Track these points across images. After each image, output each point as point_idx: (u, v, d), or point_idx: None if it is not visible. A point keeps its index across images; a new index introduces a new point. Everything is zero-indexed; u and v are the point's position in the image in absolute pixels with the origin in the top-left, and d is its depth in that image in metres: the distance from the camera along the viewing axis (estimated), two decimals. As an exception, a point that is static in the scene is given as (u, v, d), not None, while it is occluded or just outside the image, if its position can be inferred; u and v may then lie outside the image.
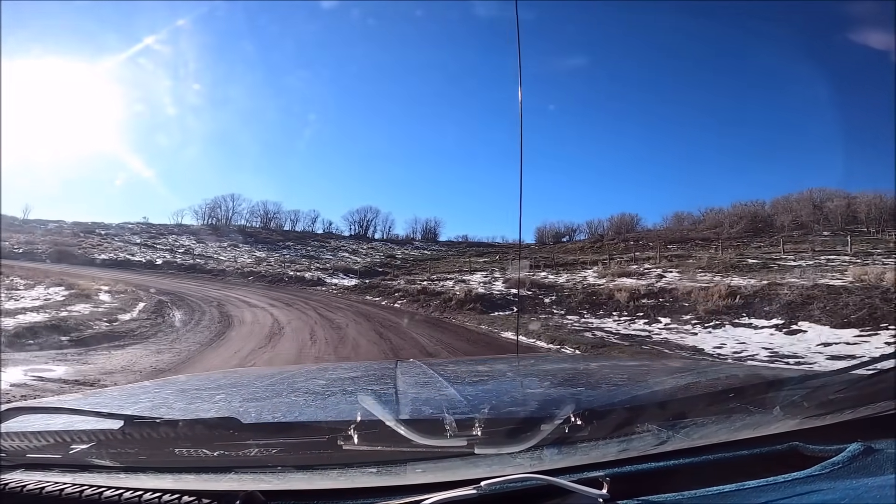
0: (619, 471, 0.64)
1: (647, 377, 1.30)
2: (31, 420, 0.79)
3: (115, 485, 0.61)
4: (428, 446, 0.67)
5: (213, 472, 0.66)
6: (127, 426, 0.68)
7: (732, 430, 0.74)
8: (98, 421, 0.74)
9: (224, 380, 1.38)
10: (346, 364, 3.84)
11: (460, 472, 0.65)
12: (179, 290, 16.81)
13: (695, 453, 0.69)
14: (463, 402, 0.93)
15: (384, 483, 0.63)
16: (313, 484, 0.64)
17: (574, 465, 0.66)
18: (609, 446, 0.71)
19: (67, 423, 0.79)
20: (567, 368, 1.63)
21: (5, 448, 0.69)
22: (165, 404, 1.06)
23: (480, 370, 1.48)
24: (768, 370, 2.29)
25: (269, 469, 0.67)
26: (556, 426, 0.69)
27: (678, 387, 1.05)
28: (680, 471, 0.66)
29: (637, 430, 0.75)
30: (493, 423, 0.75)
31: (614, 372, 1.43)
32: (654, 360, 3.52)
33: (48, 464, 0.69)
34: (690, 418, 0.79)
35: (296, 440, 0.72)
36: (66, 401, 1.15)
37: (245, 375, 1.58)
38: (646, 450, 0.70)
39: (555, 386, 1.24)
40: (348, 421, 0.71)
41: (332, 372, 1.48)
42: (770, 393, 0.84)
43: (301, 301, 15.34)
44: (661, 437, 0.73)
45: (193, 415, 0.90)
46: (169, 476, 0.66)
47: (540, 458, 0.68)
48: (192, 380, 1.56)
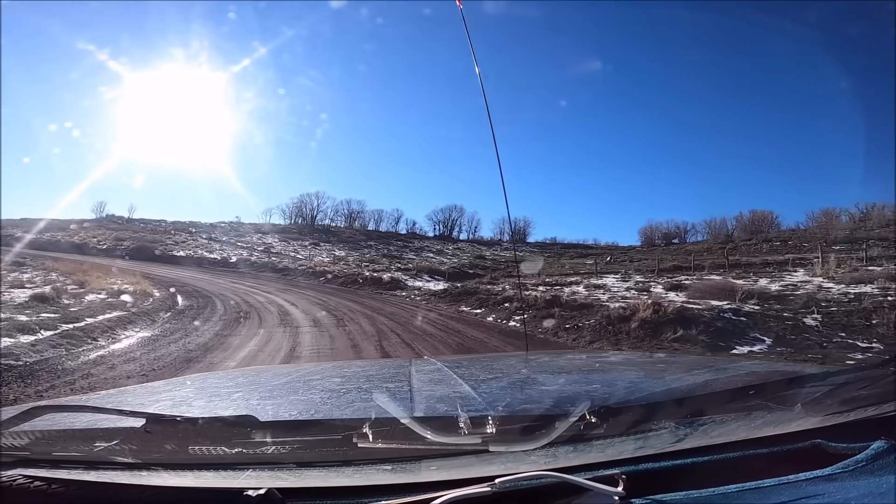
0: (635, 468, 0.63)
1: (664, 374, 1.30)
2: (56, 418, 0.80)
3: (137, 482, 0.61)
4: (442, 444, 0.67)
5: (232, 470, 0.66)
6: (149, 424, 0.68)
7: (752, 428, 0.73)
8: (120, 419, 0.73)
9: (242, 378, 1.39)
10: (362, 362, 3.81)
11: (474, 469, 0.64)
12: (212, 290, 12.74)
13: (713, 451, 0.68)
14: (477, 399, 0.94)
15: (399, 480, 0.63)
16: (329, 481, 0.64)
17: (589, 463, 0.65)
18: (625, 444, 0.71)
19: (91, 422, 0.79)
20: (582, 365, 1.57)
21: (31, 446, 0.69)
22: (186, 402, 1.05)
23: (495, 367, 1.46)
24: (789, 367, 2.14)
25: (286, 466, 0.67)
26: (571, 423, 0.69)
27: (696, 384, 1.04)
28: (697, 469, 0.65)
29: (654, 428, 0.74)
30: (507, 420, 0.76)
31: (630, 368, 1.43)
32: (671, 357, 3.30)
33: (73, 461, 0.68)
34: (709, 416, 0.78)
35: (312, 438, 0.72)
36: (90, 399, 1.16)
37: (262, 373, 1.56)
38: (663, 447, 0.69)
39: (570, 383, 1.20)
40: (363, 419, 0.72)
41: (348, 370, 1.49)
42: (791, 390, 0.83)
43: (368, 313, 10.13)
44: (679, 435, 0.72)
45: (212, 413, 0.90)
46: (189, 473, 0.65)
47: (555, 455, 0.68)
48: (212, 377, 1.60)
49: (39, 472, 0.63)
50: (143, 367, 4.92)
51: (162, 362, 5.17)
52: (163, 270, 19.85)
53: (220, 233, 40.83)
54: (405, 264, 28.44)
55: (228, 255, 29.30)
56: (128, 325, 6.90)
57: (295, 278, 20.95)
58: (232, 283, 16.65)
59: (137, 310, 8.40)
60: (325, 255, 34.62)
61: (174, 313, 8.89)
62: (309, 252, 35.70)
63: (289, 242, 39.31)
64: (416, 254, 40.11)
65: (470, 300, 14.11)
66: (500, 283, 18.46)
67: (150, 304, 9.61)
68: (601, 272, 20.59)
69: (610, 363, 1.60)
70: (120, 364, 5.03)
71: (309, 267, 24.47)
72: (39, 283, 11.55)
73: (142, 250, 27.43)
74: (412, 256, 37.53)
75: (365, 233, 50.23)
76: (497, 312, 11.83)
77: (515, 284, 16.83)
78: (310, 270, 23.33)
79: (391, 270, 23.85)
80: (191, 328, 7.32)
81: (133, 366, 4.99)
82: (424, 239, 50.98)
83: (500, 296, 13.67)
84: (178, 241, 33.06)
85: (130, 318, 7.32)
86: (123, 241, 30.74)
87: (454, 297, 15.06)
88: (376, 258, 33.63)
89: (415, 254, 40.05)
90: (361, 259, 32.18)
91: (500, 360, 1.84)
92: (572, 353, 4.17)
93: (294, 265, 25.42)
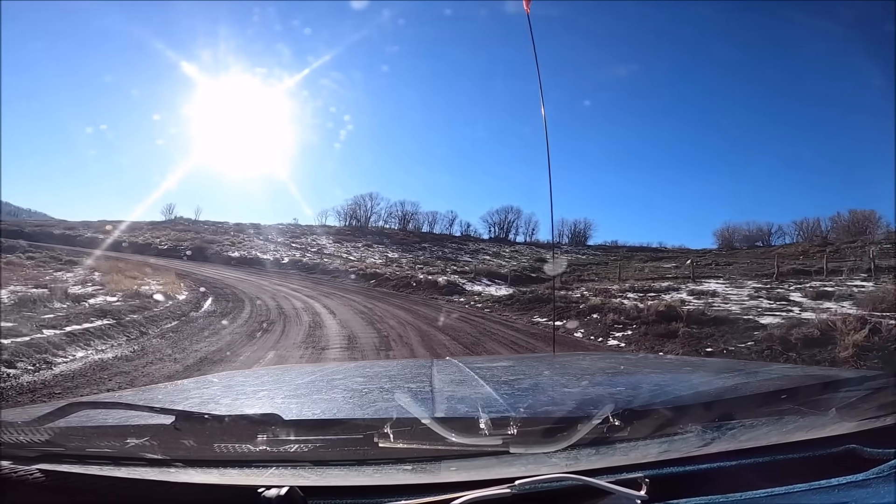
0: (659, 472, 0.62)
1: (692, 377, 1.26)
2: (90, 415, 0.81)
3: (165, 479, 0.61)
4: (463, 444, 0.67)
5: (256, 467, 0.65)
6: (178, 421, 0.69)
7: (784, 433, 0.71)
8: (151, 416, 0.74)
9: (267, 376, 1.41)
10: (384, 362, 3.71)
11: (494, 470, 0.63)
12: (249, 293, 11.12)
13: (741, 455, 0.65)
14: (499, 400, 0.92)
15: (419, 480, 0.62)
16: (349, 480, 0.64)
17: (611, 466, 0.63)
18: (649, 447, 0.69)
19: (123, 418, 0.79)
20: (606, 367, 1.51)
21: (66, 442, 0.69)
22: (213, 400, 1.05)
23: (517, 368, 1.44)
24: (824, 371, 2.11)
25: (308, 464, 0.67)
26: (593, 426, 0.68)
27: (725, 387, 1.02)
28: (725, 473, 0.63)
29: (680, 431, 0.72)
30: (528, 422, 0.75)
31: (656, 371, 1.40)
32: (699, 360, 3.29)
33: (105, 456, 0.68)
34: (738, 419, 0.76)
35: (334, 437, 0.72)
36: (124, 396, 1.19)
37: (287, 372, 1.59)
38: (689, 451, 0.67)
39: (593, 385, 1.16)
40: (385, 418, 0.72)
41: (370, 370, 1.47)
42: (826, 394, 0.81)
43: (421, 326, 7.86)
44: (706, 439, 0.71)
45: (238, 411, 0.89)
46: (214, 470, 0.65)
47: (576, 458, 0.67)
48: (238, 376, 1.54)
49: (66, 467, 0.64)
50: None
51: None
52: (210, 270, 19.00)
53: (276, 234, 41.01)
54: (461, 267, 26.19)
55: (281, 255, 28.66)
56: (94, 340, 5.13)
57: (344, 281, 19.30)
58: (275, 284, 15.17)
59: (139, 317, 6.72)
60: (377, 256, 33.38)
61: (182, 322, 7.17)
62: (361, 254, 34.69)
63: (342, 244, 38.69)
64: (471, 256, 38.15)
65: (544, 309, 11.47)
66: (575, 287, 15.62)
67: (163, 308, 7.97)
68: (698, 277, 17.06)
69: (635, 366, 1.54)
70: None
71: (360, 269, 22.84)
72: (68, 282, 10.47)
73: (199, 250, 27.44)
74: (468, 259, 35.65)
75: (418, 235, 49.22)
76: (586, 326, 9.13)
77: (598, 291, 13.92)
78: (360, 272, 21.65)
79: (447, 273, 21.63)
80: (179, 346, 5.46)
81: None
82: (479, 241, 49.26)
83: (584, 304, 10.92)
84: (234, 242, 33.02)
85: (106, 331, 5.55)
86: (184, 241, 31.08)
87: (524, 304, 12.45)
88: (430, 260, 31.88)
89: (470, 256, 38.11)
90: (415, 261, 30.47)
91: (523, 361, 1.83)
92: (596, 354, 4.03)
93: (345, 267, 23.97)
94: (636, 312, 9.17)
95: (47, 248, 19.67)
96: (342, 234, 43.78)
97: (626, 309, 9.74)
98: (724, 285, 14.44)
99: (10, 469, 0.62)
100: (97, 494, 0.60)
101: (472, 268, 24.58)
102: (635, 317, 8.92)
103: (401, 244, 42.15)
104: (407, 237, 46.74)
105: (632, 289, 13.93)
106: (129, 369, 4.31)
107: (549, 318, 10.39)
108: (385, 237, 45.08)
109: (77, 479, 0.61)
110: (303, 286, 15.14)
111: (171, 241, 31.11)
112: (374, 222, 51.99)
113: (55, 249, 19.63)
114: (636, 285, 14.53)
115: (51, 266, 14.52)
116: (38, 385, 3.75)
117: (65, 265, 14.97)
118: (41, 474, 0.61)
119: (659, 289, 13.68)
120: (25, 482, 0.60)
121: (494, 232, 51.93)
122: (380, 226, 51.41)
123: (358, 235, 44.12)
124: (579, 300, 12.02)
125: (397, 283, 18.42)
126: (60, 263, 15.51)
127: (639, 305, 9.83)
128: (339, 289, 15.37)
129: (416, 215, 53.90)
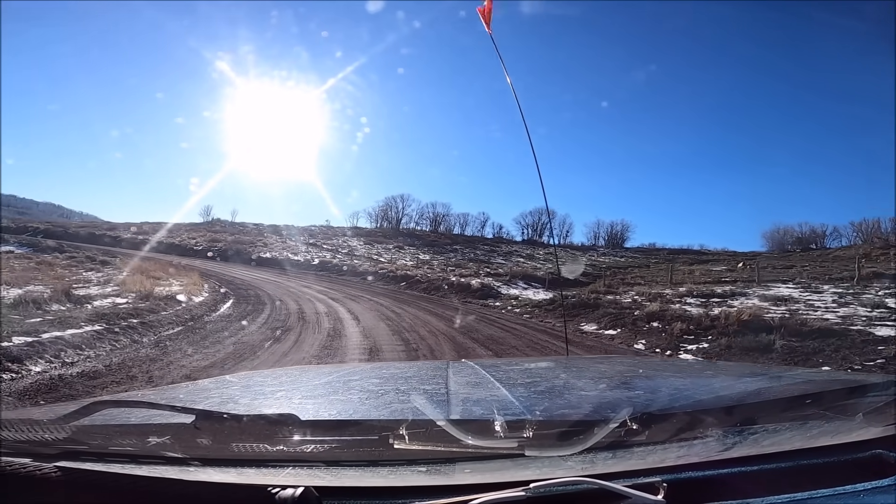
0: (677, 476, 0.60)
1: (713, 381, 1.24)
2: (113, 413, 0.81)
3: (184, 478, 0.61)
4: (477, 447, 0.66)
5: (272, 467, 0.65)
6: (198, 420, 0.69)
7: (808, 438, 0.70)
8: (172, 415, 0.74)
9: (286, 376, 1.37)
10: (400, 363, 3.66)
11: (509, 473, 0.62)
12: (273, 294, 10.58)
13: (764, 461, 0.64)
14: (514, 403, 0.90)
15: (433, 482, 0.62)
16: (364, 481, 0.63)
17: (628, 470, 0.62)
18: (668, 451, 0.68)
19: (146, 417, 0.80)
20: (624, 371, 1.46)
21: (89, 440, 0.69)
22: (232, 400, 1.05)
23: (533, 371, 1.42)
24: (850, 376, 1.96)
25: (324, 465, 0.67)
26: (611, 430, 0.67)
27: (747, 392, 1.00)
28: (746, 478, 0.61)
29: (700, 436, 0.71)
30: (544, 425, 0.73)
31: (676, 375, 1.39)
32: (721, 364, 3.19)
33: (126, 454, 0.69)
34: (761, 424, 0.74)
35: (349, 437, 0.72)
36: (146, 395, 1.16)
37: (305, 373, 1.58)
38: (709, 456, 0.65)
39: (611, 388, 1.14)
40: (400, 420, 0.71)
41: (386, 371, 1.45)
42: (852, 399, 0.80)
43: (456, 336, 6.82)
44: (727, 443, 0.69)
45: (256, 410, 0.90)
46: (232, 470, 0.65)
47: (592, 461, 0.65)
48: (257, 376, 1.52)
49: (95, 466, 0.64)
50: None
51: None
52: (240, 271, 18.69)
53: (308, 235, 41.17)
54: (494, 269, 25.01)
55: (312, 257, 28.39)
56: (68, 350, 4.38)
57: (373, 283, 18.53)
58: (302, 286, 14.52)
59: (139, 321, 6.01)
60: (408, 258, 32.71)
61: (187, 328, 6.43)
62: (392, 255, 34.08)
63: (372, 245, 38.31)
64: (504, 258, 36.97)
65: (592, 315, 10.19)
66: (622, 291, 14.16)
67: (172, 312, 7.29)
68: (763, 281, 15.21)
69: (654, 369, 1.51)
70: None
71: (390, 271, 22.06)
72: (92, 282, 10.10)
73: (232, 251, 27.56)
74: (501, 261, 34.53)
75: (450, 236, 48.61)
76: (646, 336, 7.84)
77: (651, 295, 12.47)
78: (390, 274, 20.85)
79: (480, 276, 20.49)
80: (164, 361, 4.64)
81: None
82: (512, 243, 48.24)
83: (641, 310, 9.57)
84: (267, 244, 33.14)
85: (89, 339, 4.80)
86: (219, 242, 31.39)
87: (568, 310, 11.20)
88: (462, 262, 30.88)
89: (503, 258, 36.92)
90: (446, 263, 29.53)
91: (539, 364, 1.74)
92: (614, 357, 3.79)
93: (375, 268, 23.28)
94: (708, 321, 7.80)
95: (85, 249, 19.99)
96: (373, 236, 43.56)
97: (692, 317, 8.36)
98: (797, 290, 12.68)
99: (31, 466, 0.62)
100: (120, 493, 0.60)
101: (507, 270, 23.34)
102: (708, 326, 7.57)
103: (432, 246, 41.53)
104: (438, 239, 46.17)
105: (690, 293, 12.39)
106: (82, 391, 3.48)
107: (601, 327, 9.13)
108: (416, 239, 44.69)
109: (98, 477, 0.61)
110: (330, 288, 14.42)
111: (206, 242, 31.47)
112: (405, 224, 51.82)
113: (91, 249, 19.88)
114: (694, 289, 12.96)
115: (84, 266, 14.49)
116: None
117: (97, 265, 14.92)
118: (61, 472, 0.61)
119: (723, 294, 12.09)
120: (45, 479, 0.60)
121: (527, 234, 51.19)
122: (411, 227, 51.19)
123: (389, 237, 43.82)
124: (631, 306, 10.67)
125: (428, 285, 17.47)
126: (94, 263, 15.51)
127: (709, 313, 8.43)
128: (367, 291, 14.56)
129: (448, 217, 53.56)
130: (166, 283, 10.85)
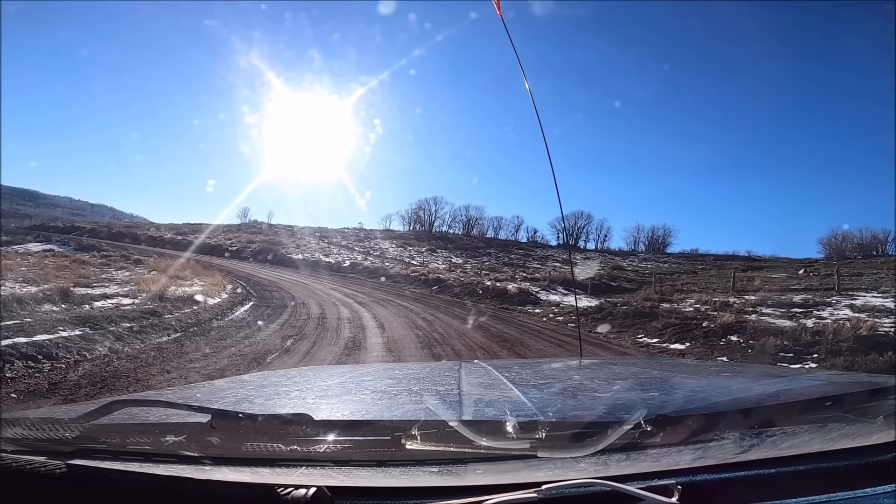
0: (692, 479, 0.60)
1: (730, 383, 1.21)
2: (132, 412, 0.81)
3: (200, 477, 0.61)
4: (489, 448, 0.66)
5: (286, 466, 0.66)
6: (214, 419, 0.69)
7: (827, 440, 0.69)
8: (189, 414, 0.74)
9: (300, 377, 1.38)
10: (413, 364, 3.72)
11: (521, 474, 0.62)
12: (297, 297, 9.96)
13: (781, 463, 0.63)
14: (527, 404, 0.89)
15: (445, 483, 0.62)
16: (376, 482, 0.63)
17: (642, 472, 0.61)
18: (683, 453, 0.67)
19: (163, 416, 0.80)
20: (639, 372, 1.42)
21: (107, 438, 0.69)
22: (247, 399, 1.05)
23: (546, 372, 1.41)
24: (871, 378, 1.77)
25: (336, 465, 0.67)
26: (624, 431, 0.66)
27: (766, 394, 0.97)
28: (762, 481, 0.60)
29: (716, 438, 0.70)
30: (557, 426, 0.73)
31: (692, 377, 1.37)
32: (738, 366, 3.17)
33: (142, 453, 0.69)
34: (779, 427, 0.73)
35: (362, 437, 0.71)
36: (164, 395, 1.16)
37: (319, 373, 1.58)
38: (725, 458, 0.64)
39: (625, 390, 1.12)
40: (413, 420, 0.71)
41: (399, 372, 1.46)
42: (873, 402, 0.78)
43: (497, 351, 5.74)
44: (743, 446, 0.68)
45: (271, 410, 0.89)
46: (246, 469, 0.65)
47: (605, 463, 0.65)
48: (272, 376, 1.50)
49: (113, 464, 0.64)
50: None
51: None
52: (269, 272, 18.34)
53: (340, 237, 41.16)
54: (531, 273, 23.70)
55: (343, 259, 28.05)
56: (15, 361, 3.58)
57: (405, 286, 17.68)
58: (329, 288, 13.85)
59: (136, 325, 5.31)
60: (440, 261, 31.89)
61: (186, 334, 5.70)
62: (424, 258, 33.55)
63: (404, 248, 37.92)
64: (540, 263, 35.63)
65: (650, 326, 8.84)
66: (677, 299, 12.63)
67: (179, 315, 6.61)
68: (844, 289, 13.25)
69: (670, 371, 1.49)
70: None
71: (422, 274, 21.18)
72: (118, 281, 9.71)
73: (265, 252, 27.52)
74: (537, 265, 33.16)
75: (483, 240, 47.70)
76: (725, 352, 6.55)
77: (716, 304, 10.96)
78: (422, 278, 19.96)
79: (517, 280, 19.26)
80: (136, 376, 3.77)
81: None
82: (547, 248, 47.11)
83: (710, 321, 8.19)
84: (299, 245, 33.18)
85: (48, 349, 4.06)
86: (253, 244, 31.57)
87: (619, 319, 9.87)
88: (497, 266, 29.70)
89: (539, 263, 35.58)
90: (480, 267, 28.42)
91: (552, 365, 1.74)
92: (629, 358, 3.74)
93: (406, 271, 22.51)
94: (808, 335, 6.37)
95: (123, 248, 20.29)
96: (405, 239, 43.26)
97: (784, 330, 6.94)
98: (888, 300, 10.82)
99: (46, 464, 0.62)
100: (134, 492, 0.60)
101: (546, 275, 21.98)
102: (809, 342, 6.16)
103: (465, 249, 40.79)
104: (471, 242, 45.44)
105: (762, 302, 10.78)
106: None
107: (663, 340, 7.82)
108: (449, 242, 44.12)
109: (112, 475, 0.61)
110: (358, 291, 13.67)
111: (241, 244, 31.73)
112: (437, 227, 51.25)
113: (128, 249, 20.11)
114: (767, 298, 11.30)
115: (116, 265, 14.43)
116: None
117: (130, 264, 14.86)
118: (75, 470, 0.61)
119: (804, 303, 10.41)
120: (58, 477, 0.60)
121: (563, 238, 50.22)
122: (443, 230, 50.65)
123: (421, 240, 43.47)
124: (696, 316, 9.25)
125: (461, 290, 16.44)
126: (127, 262, 15.50)
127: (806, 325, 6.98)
128: (397, 295, 13.69)
129: (481, 220, 52.66)
130: (188, 282, 10.34)
